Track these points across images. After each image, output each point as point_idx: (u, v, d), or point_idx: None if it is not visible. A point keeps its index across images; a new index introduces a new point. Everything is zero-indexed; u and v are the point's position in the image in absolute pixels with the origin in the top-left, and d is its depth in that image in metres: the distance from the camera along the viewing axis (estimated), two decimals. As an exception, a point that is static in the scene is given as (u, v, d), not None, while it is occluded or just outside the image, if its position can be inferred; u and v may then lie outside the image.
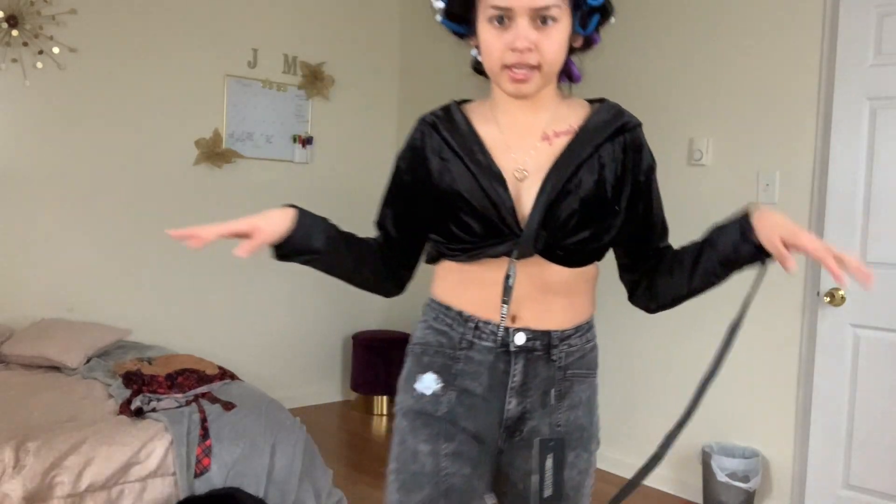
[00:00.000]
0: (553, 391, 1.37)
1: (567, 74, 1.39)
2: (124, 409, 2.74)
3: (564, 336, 1.38)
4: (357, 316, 5.04)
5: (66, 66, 3.82)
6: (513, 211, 1.31)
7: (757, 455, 3.29)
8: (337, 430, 4.40)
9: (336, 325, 4.95)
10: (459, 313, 1.39)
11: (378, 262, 1.51)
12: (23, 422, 2.60)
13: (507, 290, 1.31)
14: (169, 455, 2.57)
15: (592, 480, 1.45)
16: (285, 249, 1.39)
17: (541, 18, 1.25)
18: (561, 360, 1.38)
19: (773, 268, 3.39)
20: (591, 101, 1.42)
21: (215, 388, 3.01)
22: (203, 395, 2.89)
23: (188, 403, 2.80)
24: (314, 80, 4.68)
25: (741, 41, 3.39)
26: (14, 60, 3.67)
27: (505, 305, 1.31)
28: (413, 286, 1.64)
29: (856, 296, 3.02)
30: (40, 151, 3.79)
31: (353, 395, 4.83)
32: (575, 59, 1.38)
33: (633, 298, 1.52)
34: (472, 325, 1.38)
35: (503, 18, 1.26)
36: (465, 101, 1.47)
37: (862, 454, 3.02)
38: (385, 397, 4.71)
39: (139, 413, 2.71)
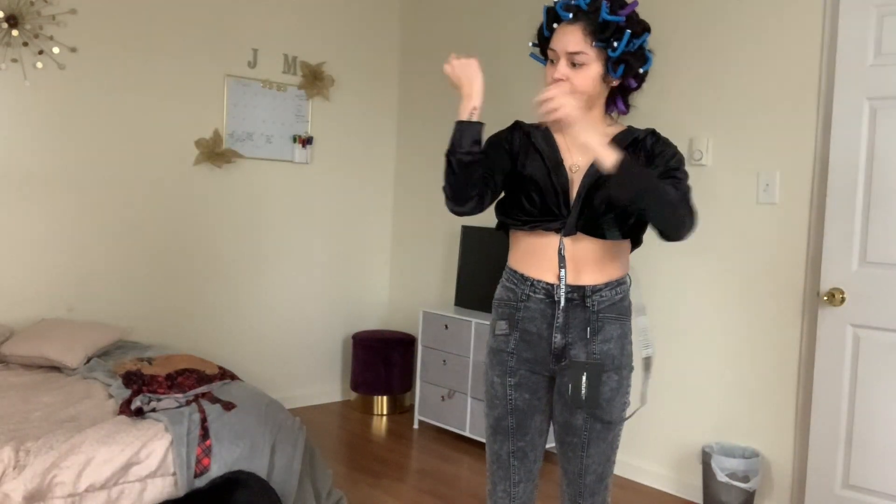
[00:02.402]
0: (588, 329, 1.87)
1: (616, 107, 1.97)
2: (124, 409, 2.74)
3: (596, 290, 1.87)
4: (357, 316, 5.04)
5: (66, 66, 3.82)
6: (566, 196, 1.86)
7: (757, 455, 3.29)
8: (337, 430, 4.40)
9: (336, 325, 4.95)
10: (521, 275, 1.93)
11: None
12: (23, 422, 2.60)
13: (561, 259, 1.85)
14: (169, 455, 2.57)
15: (628, 398, 1.94)
16: (471, 133, 1.85)
17: (573, 62, 1.82)
18: (594, 307, 1.87)
19: (772, 269, 3.39)
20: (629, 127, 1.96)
21: (215, 388, 3.00)
22: (203, 395, 2.89)
23: (188, 403, 2.79)
24: (314, 80, 4.68)
25: (741, 41, 3.39)
26: (14, 60, 3.68)
27: (562, 269, 1.85)
28: (408, 295, 1.72)
29: (856, 296, 3.03)
30: (40, 151, 3.79)
31: (353, 395, 4.83)
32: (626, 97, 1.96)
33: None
34: (529, 283, 1.91)
35: (554, 60, 1.86)
36: None
37: (862, 454, 3.02)
38: (385, 397, 4.71)
39: (139, 413, 2.71)
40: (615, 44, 1.80)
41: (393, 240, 5.18)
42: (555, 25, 1.84)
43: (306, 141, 4.69)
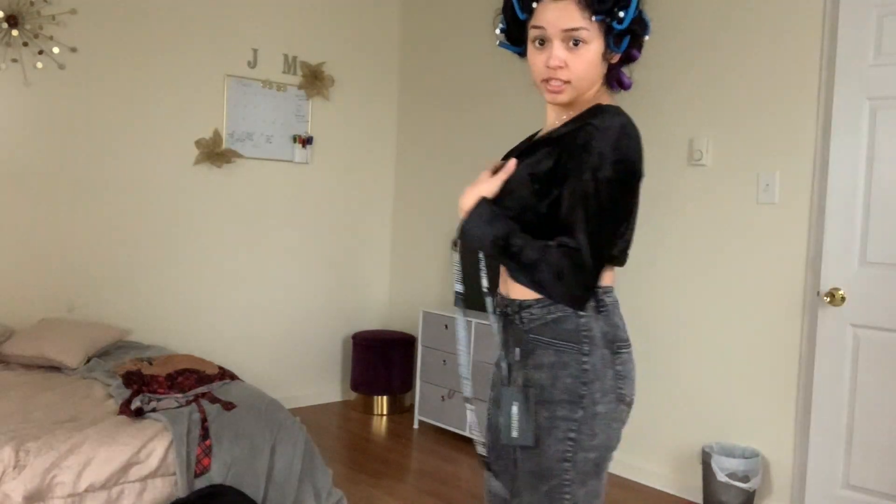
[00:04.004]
0: (518, 349, 1.59)
1: (618, 82, 1.64)
2: (124, 409, 2.74)
3: (525, 305, 1.58)
4: (357, 316, 5.04)
5: (66, 66, 3.82)
6: None
7: (757, 455, 3.29)
8: (337, 430, 4.40)
9: (336, 325, 4.95)
10: None
11: None
12: (23, 422, 2.60)
13: (485, 265, 1.68)
14: (169, 455, 2.57)
15: (567, 445, 1.53)
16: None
17: (572, 41, 1.51)
18: (524, 325, 1.58)
19: (772, 269, 3.39)
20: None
21: (215, 388, 3.01)
22: (203, 394, 2.89)
23: (188, 403, 2.80)
24: (314, 80, 4.68)
25: (741, 41, 3.39)
26: (14, 60, 3.68)
27: (484, 277, 1.69)
28: (408, 295, 1.69)
29: (856, 296, 3.03)
30: (40, 151, 3.79)
31: (353, 395, 4.83)
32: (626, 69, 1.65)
33: None
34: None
35: (543, 41, 1.54)
36: None
37: (862, 454, 3.02)
38: (385, 397, 4.71)
39: (139, 413, 2.71)
40: (621, 14, 1.50)
41: (393, 240, 5.18)
42: (534, 5, 1.55)
43: (306, 141, 4.69)
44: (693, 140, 3.55)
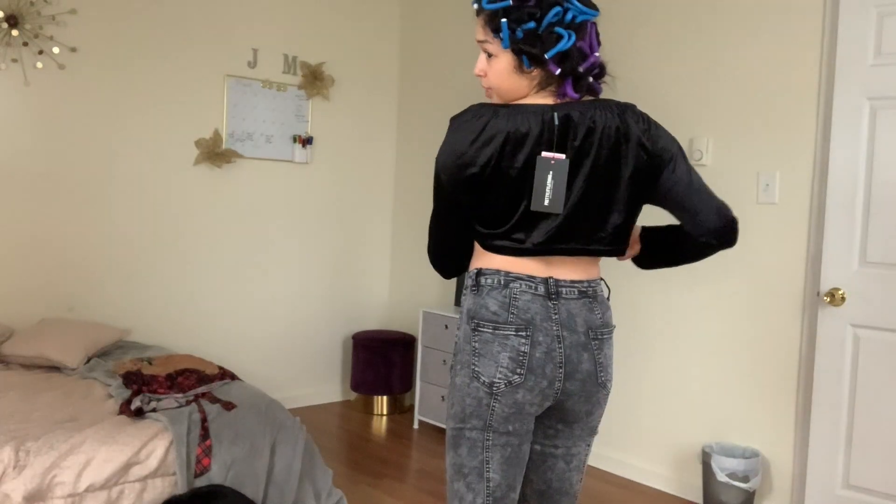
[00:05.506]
0: None
1: (563, 94, 1.67)
2: (124, 409, 2.74)
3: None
4: (357, 316, 5.04)
5: (66, 66, 3.82)
6: None
7: (757, 455, 3.29)
8: (337, 430, 4.40)
9: (336, 325, 4.95)
10: None
11: None
12: (23, 422, 2.60)
13: None
14: (169, 455, 2.57)
15: (451, 402, 1.73)
16: None
17: (487, 53, 1.67)
18: None
19: (772, 269, 3.39)
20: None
21: (215, 388, 3.01)
22: (203, 395, 2.89)
23: (188, 403, 2.80)
24: (314, 80, 4.68)
25: (741, 41, 3.39)
26: (14, 60, 3.68)
27: None
28: (408, 295, 1.71)
29: (856, 296, 3.03)
30: (40, 151, 3.79)
31: (353, 395, 4.83)
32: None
33: None
34: None
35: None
36: None
37: (862, 454, 3.02)
38: (385, 397, 4.71)
39: (139, 413, 2.71)
40: (500, 35, 1.61)
41: (393, 240, 5.18)
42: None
43: (306, 141, 4.69)
44: (693, 140, 3.55)
